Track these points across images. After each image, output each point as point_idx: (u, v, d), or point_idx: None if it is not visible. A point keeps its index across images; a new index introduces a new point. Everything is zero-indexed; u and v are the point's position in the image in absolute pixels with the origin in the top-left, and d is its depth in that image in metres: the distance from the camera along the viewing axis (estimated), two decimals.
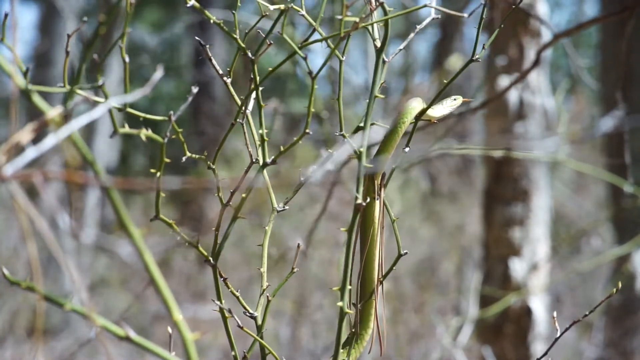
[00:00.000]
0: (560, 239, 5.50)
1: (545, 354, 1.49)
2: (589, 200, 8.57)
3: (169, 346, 1.32)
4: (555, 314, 1.56)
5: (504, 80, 3.37)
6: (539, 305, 3.43)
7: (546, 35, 3.38)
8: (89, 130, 8.49)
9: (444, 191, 9.20)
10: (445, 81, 1.38)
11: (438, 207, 8.51)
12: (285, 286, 1.42)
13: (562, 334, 1.44)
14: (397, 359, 5.36)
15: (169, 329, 1.33)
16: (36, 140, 0.95)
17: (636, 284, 4.47)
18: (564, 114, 3.25)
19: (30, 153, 0.92)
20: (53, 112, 0.94)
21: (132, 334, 0.97)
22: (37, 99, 0.98)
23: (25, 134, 0.90)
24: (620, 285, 1.55)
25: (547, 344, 3.39)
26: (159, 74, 1.01)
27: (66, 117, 0.95)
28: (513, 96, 3.45)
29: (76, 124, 0.93)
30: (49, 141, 0.92)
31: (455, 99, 1.42)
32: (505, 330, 3.42)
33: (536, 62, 2.46)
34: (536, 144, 3.12)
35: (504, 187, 3.47)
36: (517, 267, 3.43)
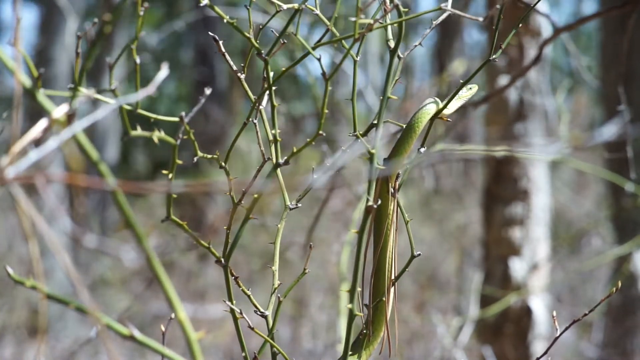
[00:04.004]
0: (560, 239, 5.49)
1: (545, 353, 1.49)
2: (589, 200, 8.56)
3: (163, 345, 1.31)
4: (555, 313, 1.56)
5: (504, 80, 3.37)
6: (539, 305, 3.43)
7: (546, 34, 3.38)
8: (92, 130, 8.48)
9: (444, 191, 9.19)
10: (461, 81, 1.37)
11: (439, 207, 8.51)
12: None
13: (561, 333, 1.45)
14: (397, 359, 5.36)
15: (162, 327, 1.33)
16: (39, 141, 0.95)
17: (637, 284, 4.47)
18: (565, 114, 3.25)
19: (33, 155, 0.92)
20: (58, 112, 0.94)
21: (137, 333, 0.97)
22: (43, 99, 0.98)
23: (31, 138, 0.91)
24: (620, 285, 1.55)
25: (547, 344, 3.39)
26: (163, 73, 1.01)
27: (70, 118, 0.96)
28: (513, 96, 3.45)
29: (80, 125, 0.93)
30: (52, 143, 0.92)
31: (471, 88, 1.40)
32: (505, 330, 3.42)
33: (537, 58, 2.45)
34: (538, 148, 3.12)
35: (504, 187, 3.47)
36: (517, 267, 3.43)
